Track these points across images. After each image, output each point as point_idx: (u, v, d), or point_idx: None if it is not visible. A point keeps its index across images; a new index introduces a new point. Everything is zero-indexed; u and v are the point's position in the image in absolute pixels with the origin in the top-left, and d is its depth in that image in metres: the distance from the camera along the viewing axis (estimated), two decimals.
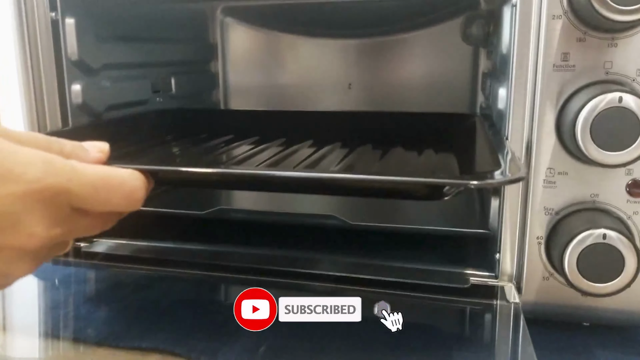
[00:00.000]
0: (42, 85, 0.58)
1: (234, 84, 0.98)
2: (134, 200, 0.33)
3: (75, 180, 0.30)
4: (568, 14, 0.41)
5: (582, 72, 0.42)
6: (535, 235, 0.47)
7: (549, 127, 0.44)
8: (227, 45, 0.96)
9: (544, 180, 0.45)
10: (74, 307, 0.53)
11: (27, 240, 0.28)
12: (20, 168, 0.28)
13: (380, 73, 0.91)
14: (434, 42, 0.86)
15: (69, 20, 0.58)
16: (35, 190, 0.28)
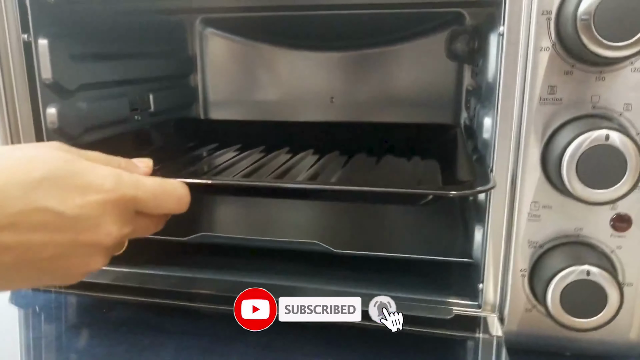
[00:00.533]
0: (16, 110, 0.56)
1: (213, 97, 0.96)
2: (183, 203, 0.41)
3: (141, 189, 0.37)
4: (556, 46, 0.41)
5: (568, 105, 0.42)
6: (519, 268, 0.46)
7: (534, 161, 0.44)
8: (206, 57, 0.95)
9: (528, 214, 0.45)
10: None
11: (105, 238, 0.35)
12: (99, 181, 0.35)
13: (363, 86, 0.90)
14: (418, 56, 0.86)
15: (42, 42, 0.56)
16: (111, 198, 0.35)
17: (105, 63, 0.68)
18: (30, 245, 0.33)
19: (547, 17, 0.40)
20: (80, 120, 0.62)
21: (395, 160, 0.75)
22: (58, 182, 0.33)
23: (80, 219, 0.34)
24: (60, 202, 0.33)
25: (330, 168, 0.69)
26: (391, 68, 0.88)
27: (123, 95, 0.72)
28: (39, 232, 0.33)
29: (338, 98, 0.92)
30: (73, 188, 0.34)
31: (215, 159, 0.77)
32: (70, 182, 0.34)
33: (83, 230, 0.34)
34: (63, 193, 0.33)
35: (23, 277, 0.35)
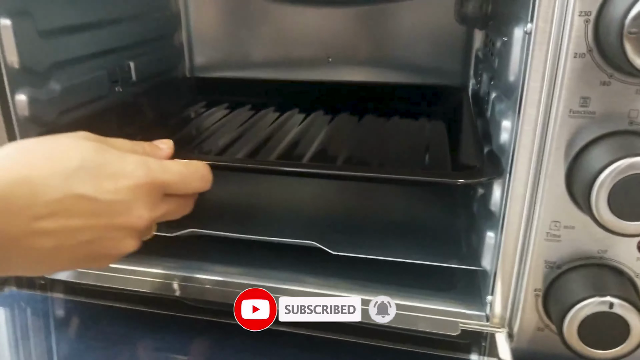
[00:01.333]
0: None
1: (200, 57, 0.89)
2: (206, 181, 0.44)
3: (167, 172, 0.40)
4: (593, 52, 0.35)
5: (602, 119, 0.37)
6: (532, 287, 0.43)
7: (559, 178, 0.39)
8: (191, 13, 0.87)
9: (547, 233, 0.41)
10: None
11: (137, 221, 0.38)
12: (130, 167, 0.37)
13: (362, 45, 0.83)
14: (423, 16, 0.79)
15: (4, 21, 0.50)
16: (142, 183, 0.38)
17: (79, 35, 0.61)
18: (69, 230, 0.35)
19: (585, 18, 0.34)
20: (54, 104, 0.57)
21: (403, 123, 0.74)
22: (92, 171, 0.36)
23: (113, 203, 0.36)
24: (95, 189, 0.35)
25: (341, 134, 0.69)
26: (394, 27, 0.80)
27: (101, 68, 0.66)
28: (76, 218, 0.35)
29: (335, 57, 0.85)
30: (105, 176, 0.36)
31: (204, 120, 0.76)
32: (102, 171, 0.36)
33: (116, 215, 0.36)
34: (97, 180, 0.36)
35: (62, 260, 0.37)
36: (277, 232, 0.54)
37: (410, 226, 0.59)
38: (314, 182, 0.72)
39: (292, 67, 0.86)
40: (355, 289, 0.51)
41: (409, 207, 0.66)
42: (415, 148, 0.64)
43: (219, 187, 0.73)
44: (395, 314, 0.47)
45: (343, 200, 0.69)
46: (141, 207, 0.38)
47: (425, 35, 0.79)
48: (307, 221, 0.60)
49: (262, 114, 0.78)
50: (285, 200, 0.69)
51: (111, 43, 0.67)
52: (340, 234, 0.56)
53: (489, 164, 0.45)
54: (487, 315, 0.47)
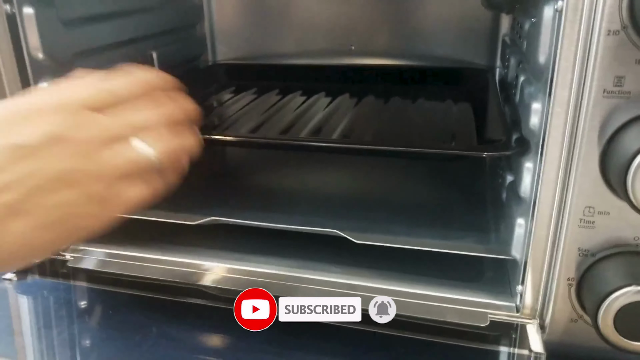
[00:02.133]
0: (5, 89, 0.51)
1: (223, 47, 0.89)
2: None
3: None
4: (628, 29, 0.33)
5: (638, 99, 0.35)
6: (565, 276, 0.41)
7: (592, 162, 0.37)
8: (214, 3, 0.86)
9: (581, 220, 0.39)
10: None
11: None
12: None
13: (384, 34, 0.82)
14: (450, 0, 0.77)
15: (28, 11, 0.50)
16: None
17: (102, 25, 0.61)
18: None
19: None
20: None
21: (429, 105, 0.74)
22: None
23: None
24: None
25: (366, 117, 0.69)
26: (418, 13, 0.80)
27: (123, 57, 0.66)
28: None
29: (358, 45, 0.84)
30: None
31: (231, 105, 0.76)
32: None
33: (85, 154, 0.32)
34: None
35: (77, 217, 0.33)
36: (299, 220, 0.54)
37: (436, 214, 0.58)
38: (337, 168, 0.72)
39: (314, 56, 0.85)
40: (379, 279, 0.50)
41: (436, 195, 0.65)
42: (441, 129, 0.63)
43: (240, 174, 0.74)
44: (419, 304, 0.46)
45: (368, 187, 0.68)
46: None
47: (451, 21, 0.77)
48: (330, 209, 0.60)
49: (289, 98, 0.78)
50: (308, 187, 0.69)
51: (134, 33, 0.67)
52: (365, 222, 0.55)
53: (512, 143, 0.44)
54: (517, 306, 0.46)
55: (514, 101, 0.55)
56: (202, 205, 0.59)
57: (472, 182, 0.65)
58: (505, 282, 0.49)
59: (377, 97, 0.77)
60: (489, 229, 0.53)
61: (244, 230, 0.54)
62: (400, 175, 0.70)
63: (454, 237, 0.52)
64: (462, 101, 0.72)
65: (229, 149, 0.81)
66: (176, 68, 0.78)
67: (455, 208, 0.60)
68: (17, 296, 0.55)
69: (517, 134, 0.47)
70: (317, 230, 0.52)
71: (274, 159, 0.75)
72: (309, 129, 0.64)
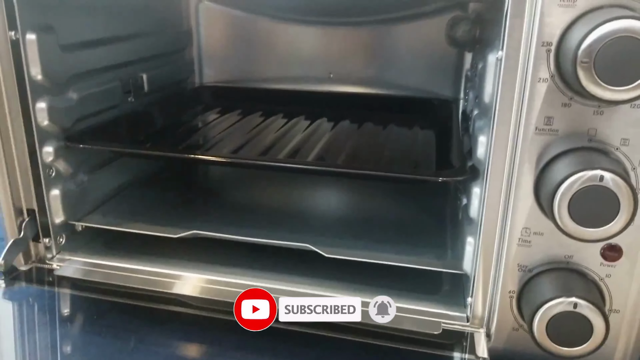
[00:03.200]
0: (4, 107, 0.55)
1: (210, 71, 0.94)
2: None
3: None
4: (555, 78, 0.39)
5: (565, 137, 0.41)
6: (507, 289, 0.47)
7: (527, 189, 0.43)
8: (202, 30, 0.92)
9: (519, 239, 0.45)
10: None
11: None
12: None
13: (361, 64, 0.88)
14: (417, 38, 0.83)
15: (30, 37, 0.54)
16: None
17: (97, 49, 0.66)
18: None
19: (547, 48, 0.39)
20: (71, 112, 0.61)
21: (397, 131, 0.79)
22: None
23: None
24: None
25: (341, 140, 0.75)
26: (390, 48, 0.86)
27: (115, 79, 0.70)
28: None
29: (337, 74, 0.90)
30: None
31: (217, 125, 0.81)
32: None
33: None
34: None
35: None
36: (275, 234, 0.58)
37: (401, 232, 0.63)
38: (312, 186, 0.77)
39: (295, 82, 0.91)
40: (346, 290, 0.55)
41: (401, 214, 0.71)
42: (407, 154, 0.69)
43: (222, 191, 0.79)
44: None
45: (340, 205, 0.74)
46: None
47: (421, 55, 0.83)
48: (304, 224, 0.65)
49: (271, 120, 0.84)
50: (285, 205, 0.74)
51: (126, 57, 0.72)
52: (335, 238, 0.60)
53: (466, 169, 0.50)
54: (467, 316, 0.51)
55: (470, 132, 0.61)
56: (184, 220, 0.63)
57: (435, 204, 0.71)
58: (459, 295, 0.54)
59: (352, 122, 0.83)
60: (447, 246, 0.59)
61: (223, 243, 0.59)
62: (370, 194, 0.75)
63: (415, 253, 0.57)
64: (428, 129, 0.78)
65: (211, 167, 0.86)
66: (165, 89, 0.83)
67: (418, 226, 0.66)
68: (3, 302, 0.58)
69: (471, 162, 0.52)
70: (291, 244, 0.57)
71: (254, 177, 0.80)
72: (289, 150, 0.69)
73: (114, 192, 0.71)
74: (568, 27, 0.38)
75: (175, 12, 0.89)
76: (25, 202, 0.58)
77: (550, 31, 0.38)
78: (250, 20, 0.90)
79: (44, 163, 0.58)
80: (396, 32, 0.84)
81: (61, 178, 0.60)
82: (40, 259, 0.61)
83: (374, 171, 0.56)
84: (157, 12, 0.83)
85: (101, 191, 0.69)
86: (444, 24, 0.76)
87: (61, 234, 0.62)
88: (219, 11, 0.91)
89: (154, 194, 0.75)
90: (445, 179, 0.51)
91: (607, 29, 0.35)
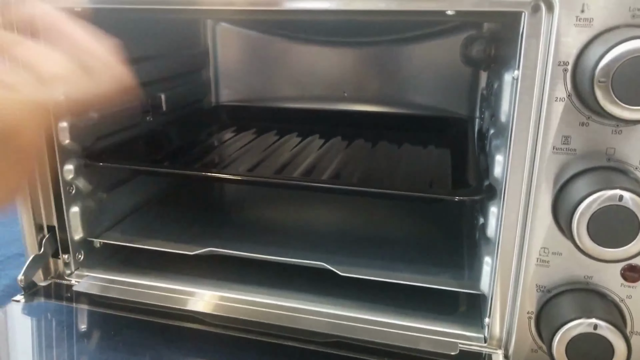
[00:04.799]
0: None
1: (226, 91, 0.95)
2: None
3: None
4: (572, 97, 0.39)
5: (583, 156, 0.41)
6: (526, 310, 0.46)
7: (545, 208, 0.43)
8: (219, 51, 0.94)
9: (537, 259, 0.44)
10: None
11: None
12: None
13: (376, 83, 0.89)
14: (433, 57, 0.84)
15: None
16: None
17: None
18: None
19: (563, 68, 0.39)
20: (91, 131, 0.62)
21: (412, 150, 0.80)
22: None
23: None
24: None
25: (355, 159, 0.75)
26: (405, 66, 0.86)
27: (135, 99, 0.72)
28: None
29: (351, 93, 0.91)
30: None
31: (232, 144, 0.82)
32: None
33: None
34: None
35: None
36: (290, 252, 0.58)
37: (417, 251, 0.63)
38: (327, 205, 0.78)
39: (310, 101, 0.91)
40: (361, 309, 0.54)
41: (418, 233, 0.70)
42: (422, 173, 0.69)
43: (237, 209, 0.79)
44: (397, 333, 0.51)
45: (355, 224, 0.74)
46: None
47: (436, 74, 0.84)
48: (319, 242, 0.65)
49: (286, 139, 0.84)
50: (300, 222, 0.74)
51: (145, 77, 0.73)
52: (350, 256, 0.60)
53: (483, 188, 0.50)
54: (485, 337, 0.50)
55: (486, 150, 0.61)
56: (200, 237, 0.64)
57: (452, 223, 0.70)
58: (477, 315, 0.53)
59: (366, 140, 0.83)
60: (464, 265, 0.58)
61: (238, 261, 0.59)
62: (386, 213, 0.75)
63: (432, 272, 0.57)
64: (443, 147, 0.78)
65: (227, 185, 0.87)
66: (182, 109, 0.84)
67: (435, 246, 0.65)
68: (22, 317, 0.59)
69: (487, 181, 0.52)
70: (306, 262, 0.57)
71: (269, 195, 0.81)
72: (303, 168, 0.70)
73: (132, 210, 0.72)
74: (585, 46, 0.38)
75: (193, 33, 0.91)
76: (46, 219, 0.59)
77: (566, 51, 0.38)
78: (265, 41, 0.91)
79: (64, 181, 0.59)
80: (411, 51, 0.85)
81: (81, 195, 0.61)
82: (59, 274, 0.62)
83: (389, 190, 0.56)
84: (177, 34, 0.84)
85: (119, 208, 0.69)
86: (458, 42, 0.76)
87: (80, 250, 0.62)
88: (235, 32, 0.93)
89: (171, 211, 0.75)
90: (461, 198, 0.50)
91: (624, 48, 0.35)
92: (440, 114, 0.85)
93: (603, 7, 0.37)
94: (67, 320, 0.59)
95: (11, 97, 0.32)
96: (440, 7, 0.42)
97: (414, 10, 0.43)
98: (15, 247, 0.72)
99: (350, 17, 0.64)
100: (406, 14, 0.45)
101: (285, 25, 0.88)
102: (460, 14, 0.42)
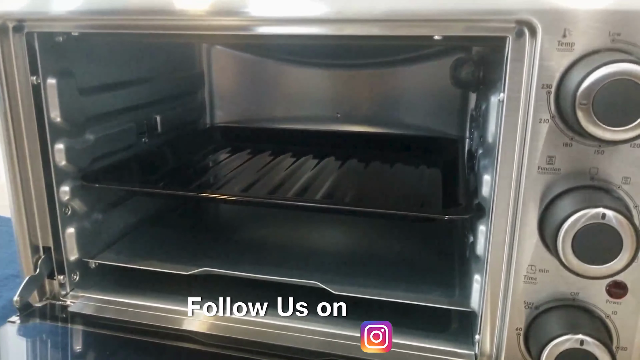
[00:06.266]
0: (25, 149, 0.57)
1: (221, 112, 0.97)
2: None
3: None
4: (556, 118, 0.41)
5: (567, 176, 0.42)
6: (514, 326, 0.47)
7: (532, 226, 0.44)
8: (214, 72, 0.95)
9: (525, 276, 0.45)
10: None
11: None
12: None
13: (368, 104, 0.91)
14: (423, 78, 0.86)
15: (51, 82, 0.57)
16: None
17: (114, 92, 0.69)
18: None
19: (547, 90, 0.40)
20: (87, 152, 0.63)
21: (404, 170, 0.81)
22: None
23: None
24: None
25: (348, 178, 0.77)
26: (396, 88, 0.88)
27: (130, 121, 0.73)
28: None
29: (344, 114, 0.92)
30: None
31: (227, 165, 0.83)
32: None
33: None
34: None
35: None
36: (285, 271, 0.59)
37: (409, 270, 0.64)
38: (320, 224, 0.78)
39: (303, 122, 0.93)
40: (353, 327, 0.55)
41: (410, 252, 0.71)
42: (414, 192, 0.71)
43: (232, 229, 0.80)
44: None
45: (348, 243, 0.75)
46: None
47: (425, 96, 0.86)
48: (313, 261, 0.65)
49: (280, 159, 0.86)
50: (294, 242, 0.75)
51: (141, 99, 0.74)
52: (343, 275, 0.60)
53: (472, 207, 0.51)
54: (475, 354, 0.51)
55: (475, 170, 0.62)
56: (195, 257, 0.65)
57: (443, 241, 0.71)
58: (468, 333, 0.54)
59: (359, 160, 0.85)
60: (455, 283, 0.59)
61: (233, 280, 0.59)
62: (378, 232, 0.76)
63: (423, 290, 0.58)
64: (434, 167, 0.79)
65: (222, 205, 0.88)
66: (177, 130, 0.85)
67: (426, 264, 0.66)
68: (18, 339, 0.59)
69: (477, 200, 0.54)
70: (300, 281, 0.57)
71: (264, 215, 0.81)
72: (297, 188, 0.71)
73: (127, 230, 0.72)
74: (567, 70, 0.40)
75: (188, 56, 0.92)
76: (42, 240, 0.60)
77: (549, 74, 0.40)
78: (259, 63, 0.93)
79: (60, 202, 0.59)
80: (402, 73, 0.87)
81: (76, 216, 0.62)
82: (54, 295, 0.62)
83: (381, 209, 0.57)
84: (172, 57, 0.86)
85: (114, 229, 0.70)
86: (448, 65, 0.78)
87: (75, 271, 0.63)
88: (229, 55, 0.94)
89: (166, 231, 0.76)
90: (451, 217, 0.52)
91: (604, 71, 0.37)
92: (431, 134, 0.87)
93: (584, 32, 0.39)
94: (62, 341, 0.59)
95: None
96: (429, 32, 0.44)
97: (404, 35, 0.45)
98: (11, 268, 0.72)
99: (343, 41, 0.66)
100: (397, 38, 0.47)
101: (279, 48, 0.90)
102: (447, 38, 0.44)
